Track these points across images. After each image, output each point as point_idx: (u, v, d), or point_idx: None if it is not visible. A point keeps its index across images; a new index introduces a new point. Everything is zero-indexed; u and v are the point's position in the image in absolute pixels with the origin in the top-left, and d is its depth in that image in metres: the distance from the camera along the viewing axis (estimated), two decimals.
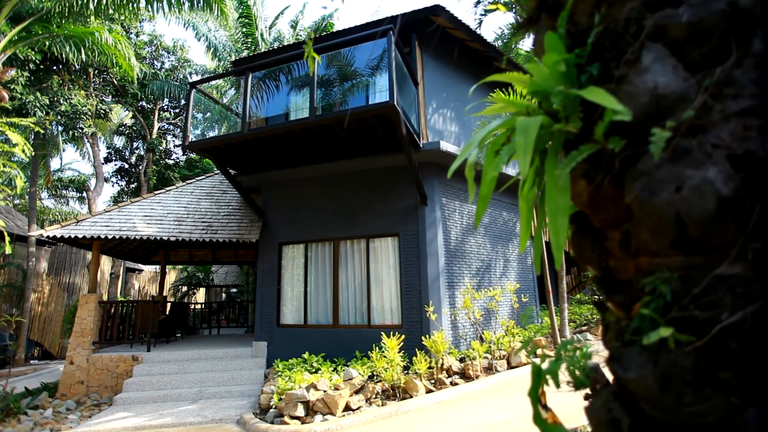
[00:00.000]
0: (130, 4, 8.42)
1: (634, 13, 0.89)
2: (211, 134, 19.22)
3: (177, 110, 19.00)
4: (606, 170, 0.88)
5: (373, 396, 5.90)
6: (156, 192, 9.54)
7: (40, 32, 8.66)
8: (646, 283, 0.81)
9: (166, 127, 19.23)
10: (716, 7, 0.79)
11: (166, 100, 17.40)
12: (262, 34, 14.61)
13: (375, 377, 6.18)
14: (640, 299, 0.83)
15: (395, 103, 5.81)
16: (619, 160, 0.85)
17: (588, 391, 1.01)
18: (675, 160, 0.79)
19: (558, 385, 0.87)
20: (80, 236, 7.56)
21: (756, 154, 0.74)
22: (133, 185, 18.35)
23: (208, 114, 18.37)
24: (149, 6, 8.56)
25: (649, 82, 0.83)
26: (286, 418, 5.33)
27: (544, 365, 0.98)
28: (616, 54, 0.91)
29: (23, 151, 6.39)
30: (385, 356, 6.07)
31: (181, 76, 17.51)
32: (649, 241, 0.82)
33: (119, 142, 19.24)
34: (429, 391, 6.03)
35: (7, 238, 7.18)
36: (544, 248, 7.14)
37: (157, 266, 14.02)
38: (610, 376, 0.95)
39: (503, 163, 0.99)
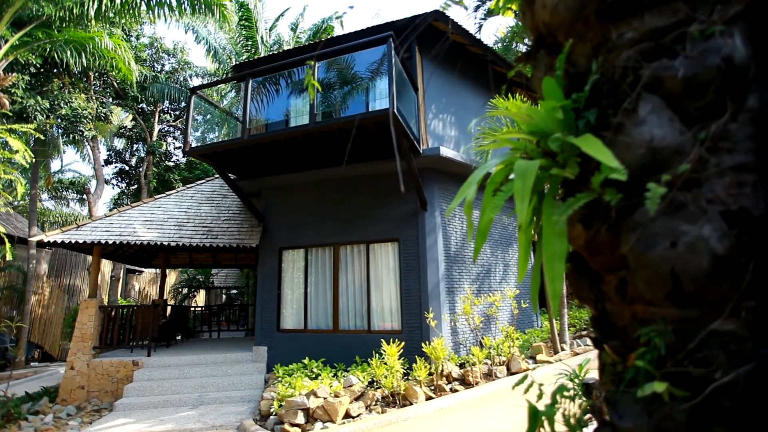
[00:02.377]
0: (131, 8, 8.42)
1: (631, 62, 0.89)
2: (212, 137, 19.19)
3: (177, 112, 19.01)
4: (603, 218, 0.89)
5: (373, 403, 5.91)
6: (156, 196, 9.54)
7: (42, 37, 8.67)
8: (642, 333, 0.82)
9: (166, 129, 19.24)
10: (712, 62, 0.80)
11: (166, 102, 17.40)
12: (262, 37, 14.62)
13: (375, 384, 6.19)
14: (636, 348, 0.84)
15: (395, 110, 5.82)
16: (615, 210, 0.86)
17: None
18: (670, 214, 0.79)
19: (554, 431, 0.88)
20: (81, 241, 7.57)
21: (750, 212, 0.75)
22: (133, 187, 18.33)
23: (209, 116, 18.34)
24: (150, 11, 8.56)
25: (645, 134, 0.84)
26: (286, 426, 5.35)
27: (541, 406, 0.99)
28: (614, 101, 0.92)
29: (24, 157, 6.40)
30: (385, 363, 6.07)
31: (182, 79, 17.51)
32: (645, 291, 0.83)
33: (119, 144, 19.25)
34: (429, 397, 6.04)
35: (8, 245, 7.17)
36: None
37: (158, 268, 14.03)
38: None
39: (501, 206, 1.00)
